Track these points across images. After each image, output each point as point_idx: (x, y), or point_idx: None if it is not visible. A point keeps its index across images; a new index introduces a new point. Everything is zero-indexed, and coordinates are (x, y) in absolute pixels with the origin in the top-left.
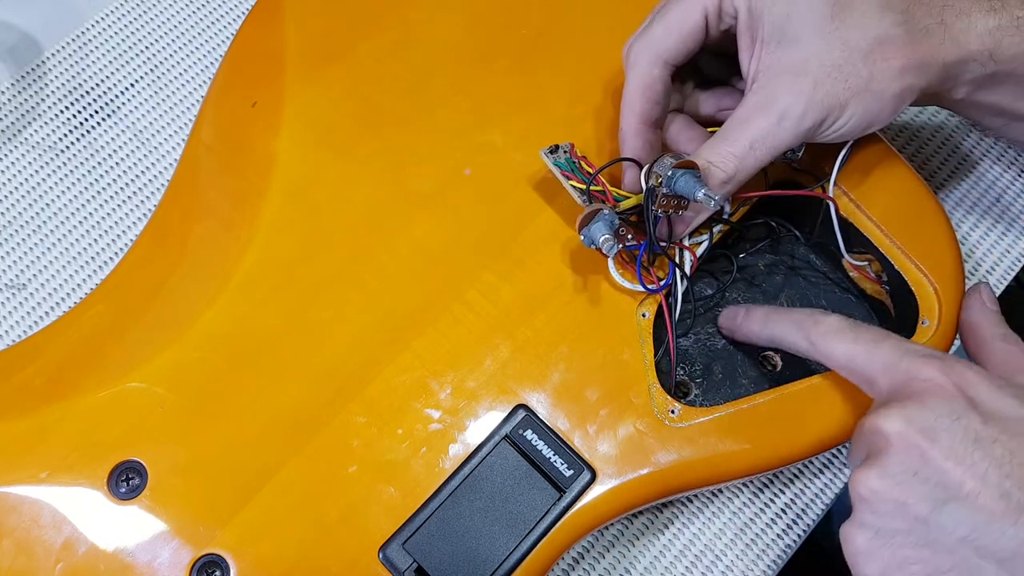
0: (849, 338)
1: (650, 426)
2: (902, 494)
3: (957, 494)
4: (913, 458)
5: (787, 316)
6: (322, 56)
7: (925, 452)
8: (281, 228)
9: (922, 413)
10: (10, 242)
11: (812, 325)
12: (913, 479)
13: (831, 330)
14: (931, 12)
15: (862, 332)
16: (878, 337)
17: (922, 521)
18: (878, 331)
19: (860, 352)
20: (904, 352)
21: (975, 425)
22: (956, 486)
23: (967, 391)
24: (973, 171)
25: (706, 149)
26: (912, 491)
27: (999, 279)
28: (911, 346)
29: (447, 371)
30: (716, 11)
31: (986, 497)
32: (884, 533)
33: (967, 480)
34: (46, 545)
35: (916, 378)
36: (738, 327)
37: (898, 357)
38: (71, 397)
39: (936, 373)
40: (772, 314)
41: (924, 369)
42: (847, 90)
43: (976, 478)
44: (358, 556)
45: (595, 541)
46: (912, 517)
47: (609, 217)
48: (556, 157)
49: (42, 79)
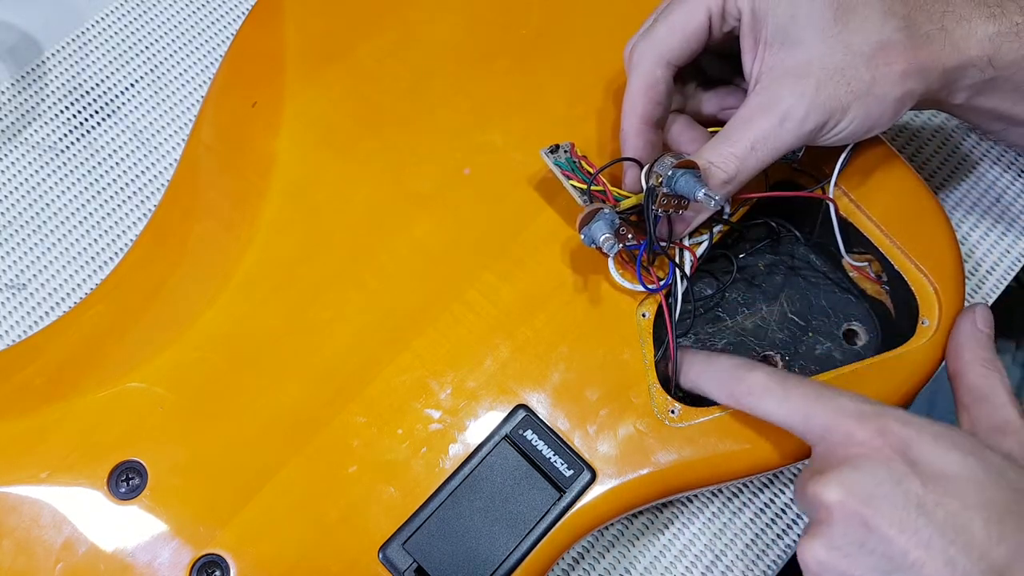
0: (778, 397)
1: (650, 426)
2: (849, 567)
3: (902, 564)
4: (856, 529)
5: (712, 370)
6: (322, 56)
7: (868, 521)
8: (281, 228)
9: (860, 479)
10: (10, 242)
11: (735, 384)
12: (859, 551)
13: (757, 389)
14: (932, 18)
15: (791, 389)
16: (809, 395)
17: None
18: (807, 386)
19: (793, 413)
20: (837, 412)
21: (916, 489)
22: (901, 556)
23: (906, 452)
24: (973, 171)
25: (707, 149)
26: (858, 563)
27: (999, 279)
28: (845, 403)
29: (447, 371)
30: (720, 12)
31: (931, 567)
32: None
33: (911, 549)
34: (46, 545)
35: (851, 441)
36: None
37: (831, 418)
38: (71, 397)
39: (871, 435)
40: (697, 364)
41: (859, 431)
42: (849, 93)
43: (920, 547)
44: (358, 556)
45: (595, 541)
46: None
47: (610, 216)
48: (556, 157)
49: (42, 79)
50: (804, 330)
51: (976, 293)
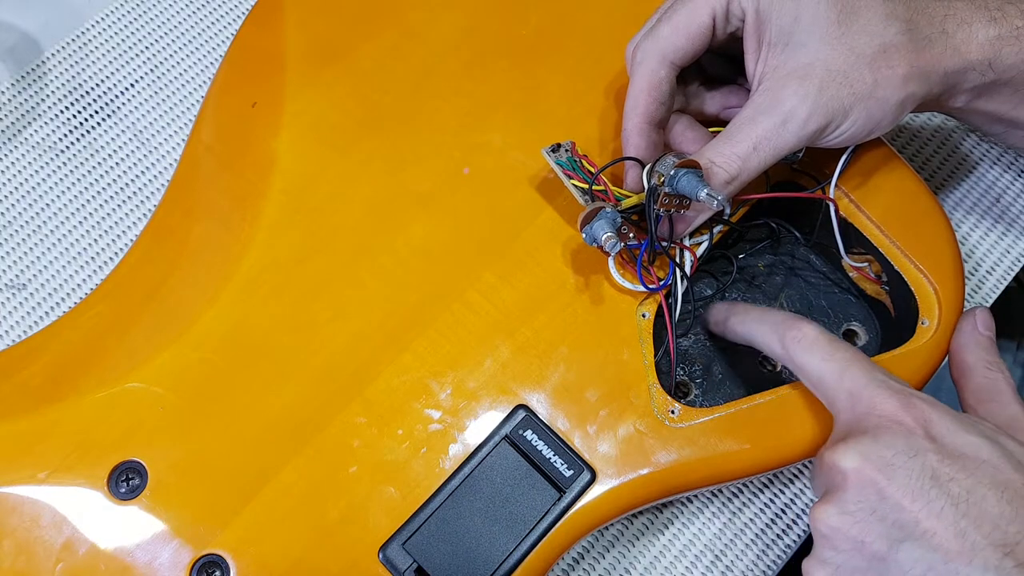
0: (823, 353)
1: (650, 426)
2: (860, 532)
3: (913, 532)
4: (870, 495)
5: (766, 317)
6: (322, 56)
7: (882, 489)
8: (281, 228)
9: (878, 448)
10: (10, 242)
11: (788, 331)
12: (870, 517)
13: (807, 340)
14: (933, 21)
15: (837, 349)
16: (850, 359)
17: (880, 559)
18: (852, 351)
19: (830, 372)
20: (870, 381)
21: (932, 462)
22: (912, 524)
23: (928, 428)
24: (973, 171)
25: (709, 149)
26: (870, 529)
27: (999, 279)
28: (879, 375)
29: (447, 371)
30: (724, 13)
31: (942, 536)
32: (843, 570)
33: (923, 518)
34: (46, 545)
35: (875, 411)
36: (720, 323)
37: (863, 385)
38: (71, 397)
39: (896, 408)
40: (752, 312)
41: (885, 402)
42: (851, 95)
43: (932, 516)
44: (358, 556)
45: (595, 541)
46: (870, 555)
47: (611, 215)
48: (558, 156)
49: (42, 79)
50: None
51: (976, 293)
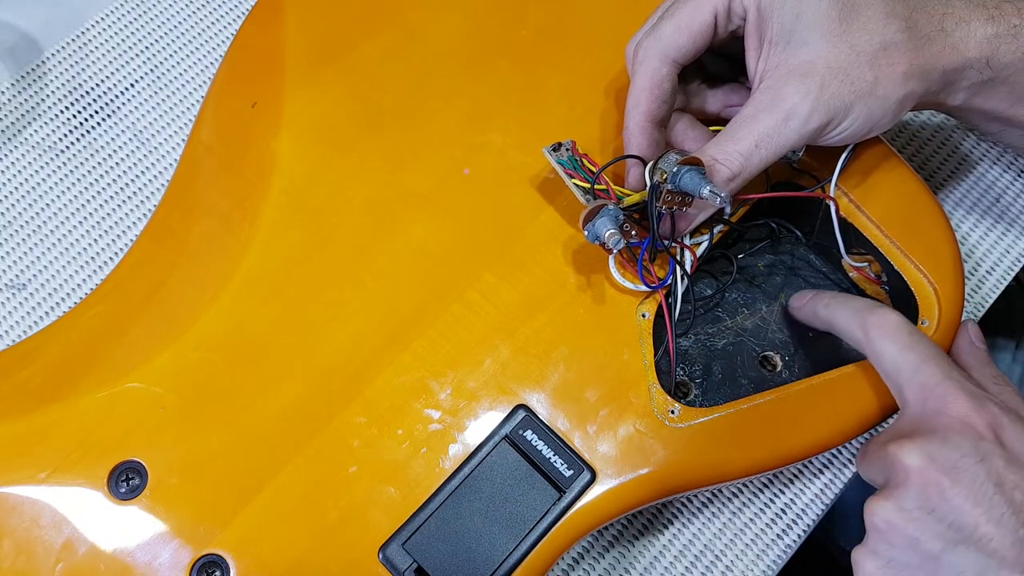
0: (903, 343)
1: (650, 426)
2: (916, 530)
3: (971, 536)
4: (931, 495)
5: (850, 303)
6: (322, 56)
7: (944, 491)
8: (281, 228)
9: (946, 450)
10: (10, 242)
11: (870, 315)
12: (929, 516)
13: (889, 327)
14: (932, 19)
15: (918, 341)
16: (929, 353)
17: (933, 558)
18: (932, 346)
19: (907, 362)
20: (945, 378)
21: (999, 468)
22: (971, 528)
23: (998, 433)
24: (973, 171)
25: (711, 146)
26: (926, 528)
27: (999, 279)
28: (956, 373)
29: (447, 371)
30: (725, 11)
31: (999, 542)
32: (895, 565)
33: (982, 523)
34: (46, 545)
35: (947, 410)
36: (803, 307)
37: (938, 381)
38: (71, 397)
39: (968, 409)
40: (838, 298)
41: (958, 402)
42: (852, 93)
43: (992, 522)
44: (358, 556)
45: (595, 541)
46: (923, 553)
47: (614, 212)
48: (559, 155)
49: (42, 79)
50: (804, 330)
51: (976, 293)
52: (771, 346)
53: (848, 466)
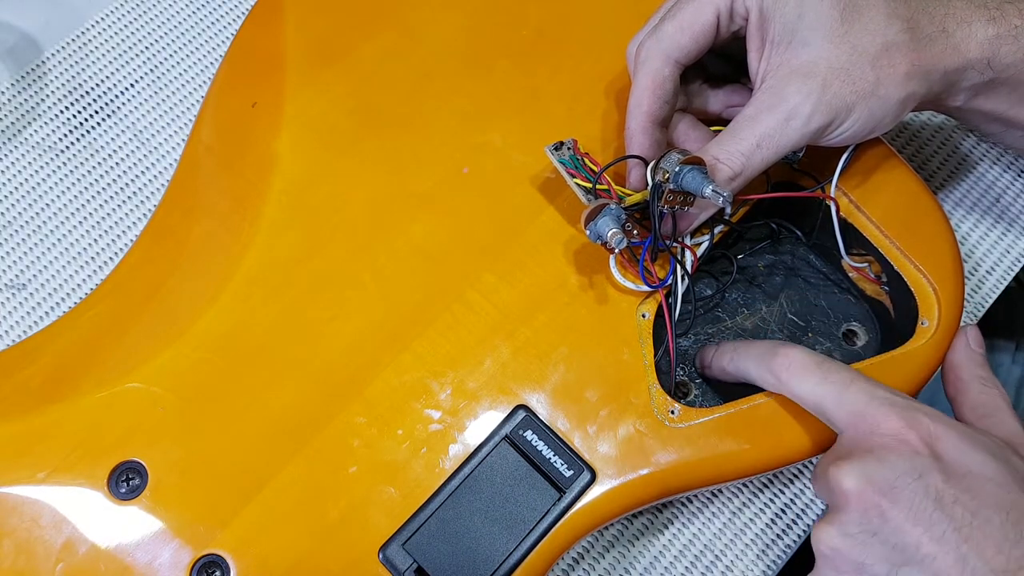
0: (816, 377)
1: (650, 427)
2: (860, 554)
3: (914, 556)
4: (872, 518)
5: (751, 351)
6: (322, 56)
7: (884, 512)
8: (281, 228)
9: (882, 470)
10: (10, 242)
11: (774, 359)
12: (872, 539)
13: (796, 367)
14: (934, 20)
15: (830, 371)
16: (846, 379)
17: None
18: (845, 371)
19: (828, 395)
20: (871, 399)
21: (937, 483)
22: (913, 548)
23: (933, 445)
24: (973, 171)
25: (713, 146)
26: (870, 552)
27: (999, 279)
28: (879, 392)
29: (447, 371)
30: (728, 11)
31: (942, 560)
32: None
33: (924, 542)
34: (46, 545)
35: (879, 430)
36: (711, 366)
37: (864, 403)
38: (71, 397)
39: (900, 426)
40: (739, 349)
41: (889, 420)
42: (854, 93)
43: (934, 541)
44: (358, 556)
45: (595, 541)
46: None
47: (616, 211)
48: (561, 154)
49: (42, 79)
50: (804, 330)
51: (976, 293)
52: None
53: None
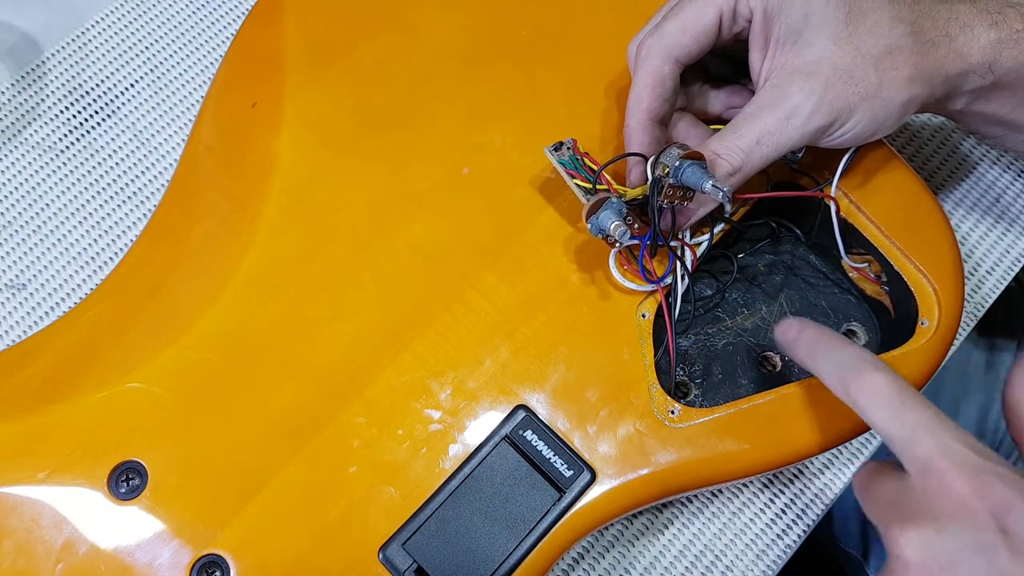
0: (891, 412)
1: (650, 426)
2: None
3: None
4: None
5: (833, 355)
6: (322, 56)
7: None
8: (281, 228)
9: (943, 542)
10: (10, 242)
11: (853, 381)
12: None
13: (876, 392)
14: (937, 25)
15: (907, 408)
16: (922, 420)
17: None
18: (925, 409)
19: (898, 435)
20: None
21: (1003, 562)
22: None
23: (1002, 519)
24: (973, 171)
25: (713, 142)
26: None
27: (999, 279)
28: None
29: (447, 372)
30: (731, 12)
31: None
32: None
33: None
34: (46, 545)
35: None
36: (788, 347)
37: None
38: (71, 397)
39: (969, 492)
40: (820, 345)
41: (959, 483)
42: (856, 95)
43: None
44: (358, 556)
45: (595, 541)
46: None
47: (617, 205)
48: (560, 155)
49: (42, 79)
50: None
51: (976, 293)
52: (771, 346)
53: (848, 466)
